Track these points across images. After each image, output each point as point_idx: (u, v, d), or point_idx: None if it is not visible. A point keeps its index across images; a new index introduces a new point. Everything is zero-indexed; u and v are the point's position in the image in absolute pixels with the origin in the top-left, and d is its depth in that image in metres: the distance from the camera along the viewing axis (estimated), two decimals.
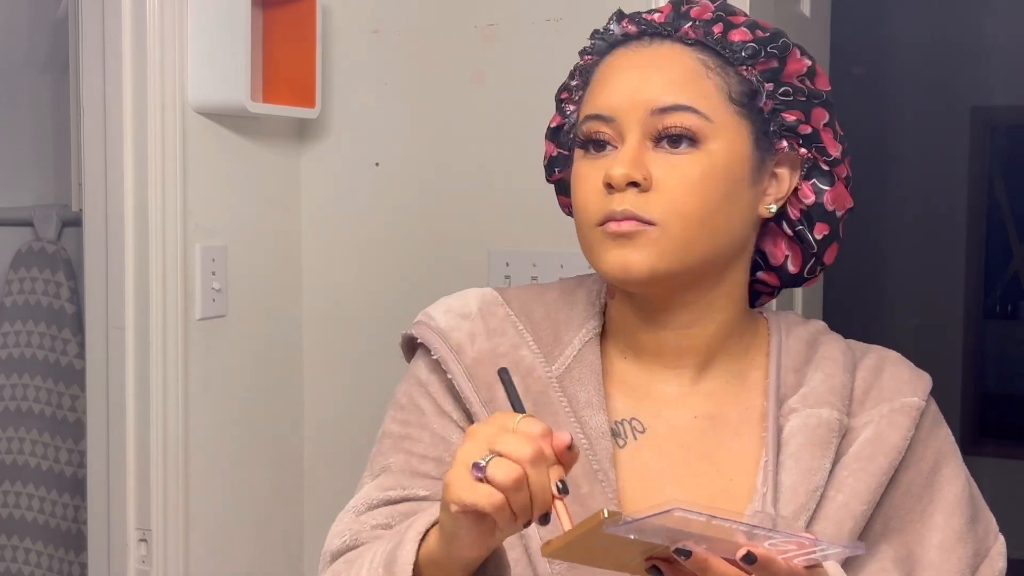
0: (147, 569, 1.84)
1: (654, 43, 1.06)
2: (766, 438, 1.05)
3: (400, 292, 2.02)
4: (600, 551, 0.83)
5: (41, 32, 2.65)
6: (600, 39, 1.10)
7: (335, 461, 2.08)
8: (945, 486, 1.08)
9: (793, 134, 1.07)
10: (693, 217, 1.00)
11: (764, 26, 1.08)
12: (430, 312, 1.14)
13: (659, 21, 1.07)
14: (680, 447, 1.06)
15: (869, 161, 4.89)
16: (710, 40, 1.05)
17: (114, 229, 1.82)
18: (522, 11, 1.91)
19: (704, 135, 1.01)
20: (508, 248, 1.93)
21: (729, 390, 1.09)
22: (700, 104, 1.02)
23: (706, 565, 0.81)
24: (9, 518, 2.56)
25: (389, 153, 2.03)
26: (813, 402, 1.06)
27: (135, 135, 1.80)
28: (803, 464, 1.03)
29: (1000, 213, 4.98)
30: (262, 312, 2.01)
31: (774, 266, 1.13)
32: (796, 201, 1.09)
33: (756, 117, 1.05)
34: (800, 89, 1.07)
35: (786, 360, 1.09)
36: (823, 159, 1.09)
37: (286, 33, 1.95)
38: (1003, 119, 4.91)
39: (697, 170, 1.01)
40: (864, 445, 1.05)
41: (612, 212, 1.01)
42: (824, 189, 1.09)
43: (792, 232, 1.10)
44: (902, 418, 1.06)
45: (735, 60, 1.05)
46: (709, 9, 1.07)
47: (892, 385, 1.09)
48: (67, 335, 2.51)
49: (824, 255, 1.11)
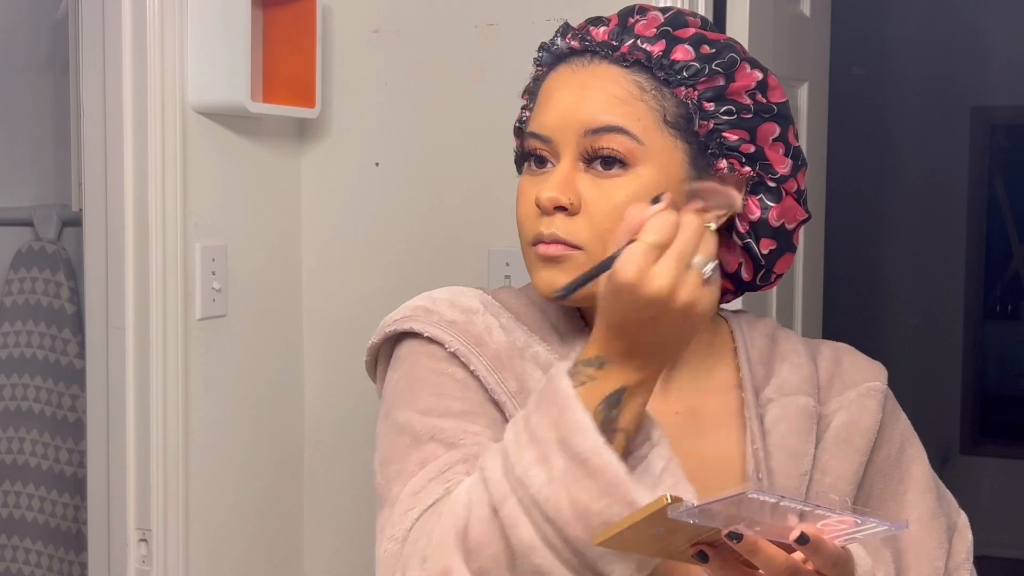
0: (147, 569, 1.84)
1: (593, 62, 1.06)
2: (750, 427, 1.07)
3: (400, 292, 2.00)
4: (652, 538, 0.84)
5: (41, 32, 2.65)
6: (547, 51, 1.11)
7: (335, 461, 2.08)
8: (912, 466, 1.13)
9: (736, 153, 1.06)
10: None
11: (713, 39, 1.06)
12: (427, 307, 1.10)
13: (600, 38, 1.06)
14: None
15: (869, 161, 4.90)
16: (649, 61, 1.04)
17: (114, 229, 1.83)
18: (522, 11, 1.91)
19: (635, 158, 1.02)
20: (508, 248, 1.93)
21: (701, 386, 1.10)
22: (632, 126, 1.02)
23: (756, 548, 0.83)
24: (9, 518, 2.56)
25: (389, 153, 2.03)
26: (788, 391, 1.09)
27: (135, 135, 1.80)
28: (789, 450, 1.06)
29: (1000, 213, 4.98)
30: (262, 312, 2.01)
31: (728, 273, 1.13)
32: (743, 215, 1.08)
33: (692, 139, 1.05)
34: (745, 106, 1.05)
35: (753, 354, 1.12)
36: (769, 176, 1.07)
37: (286, 33, 1.95)
38: (1003, 119, 4.90)
39: (624, 193, 1.01)
40: (840, 429, 1.09)
41: (540, 235, 1.04)
42: (771, 205, 1.08)
43: (741, 244, 1.10)
44: (870, 401, 1.11)
45: (673, 82, 1.04)
46: (656, 23, 1.06)
47: (853, 372, 1.13)
48: (67, 335, 2.51)
49: (774, 266, 1.11)
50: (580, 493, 0.87)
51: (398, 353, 1.10)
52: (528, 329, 1.10)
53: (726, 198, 0.98)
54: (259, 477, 2.01)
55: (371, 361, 1.15)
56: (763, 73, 1.07)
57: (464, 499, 0.92)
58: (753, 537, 0.82)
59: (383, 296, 2.05)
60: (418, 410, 1.03)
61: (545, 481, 0.88)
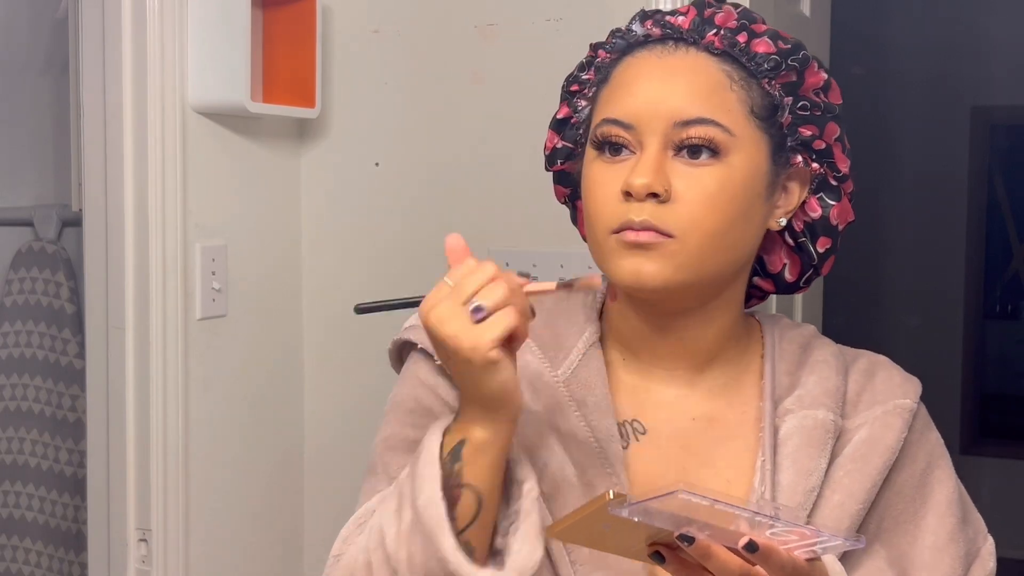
0: (147, 569, 1.84)
1: (679, 50, 1.04)
2: (762, 439, 1.06)
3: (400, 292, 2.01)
4: (605, 534, 0.84)
5: (41, 32, 2.65)
6: (620, 38, 1.08)
7: (335, 461, 2.08)
8: (937, 488, 1.08)
9: (808, 149, 1.06)
10: (711, 231, 0.99)
11: (785, 36, 1.07)
12: None
13: (683, 26, 1.05)
14: (680, 448, 1.07)
15: (869, 161, 4.89)
16: (736, 51, 1.04)
17: (114, 229, 1.83)
18: (522, 11, 1.91)
19: (725, 148, 1.00)
20: (508, 248, 1.93)
21: (725, 392, 1.09)
22: (723, 117, 1.00)
23: (708, 552, 0.82)
24: (9, 518, 2.56)
25: (389, 153, 2.03)
26: (808, 403, 1.07)
27: (135, 135, 1.80)
28: (800, 464, 1.04)
29: (1000, 213, 4.98)
30: (262, 312, 2.01)
31: (771, 273, 1.13)
32: (801, 214, 1.09)
33: (775, 131, 1.04)
34: (817, 103, 1.06)
35: (780, 363, 1.10)
36: (833, 174, 1.09)
37: (286, 33, 1.95)
38: (1003, 119, 4.90)
39: (717, 184, 0.99)
40: (859, 446, 1.06)
41: (630, 221, 0.99)
42: (831, 204, 1.09)
43: (794, 243, 1.10)
44: (895, 419, 1.07)
45: (759, 73, 1.04)
46: (733, 16, 1.06)
47: (885, 388, 1.10)
48: (67, 335, 2.52)
49: (822, 267, 1.12)
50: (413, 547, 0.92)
51: (405, 365, 1.15)
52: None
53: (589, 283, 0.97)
54: (259, 477, 2.01)
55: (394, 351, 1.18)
56: (827, 74, 1.08)
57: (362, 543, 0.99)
58: (705, 541, 0.81)
59: (383, 296, 2.05)
60: (383, 436, 1.10)
61: (394, 535, 0.94)
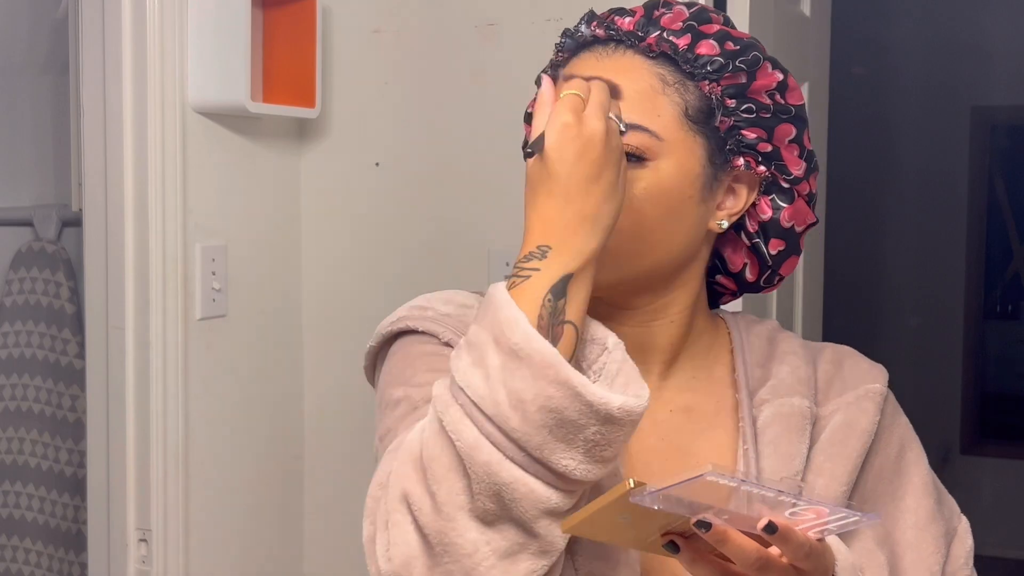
0: (147, 569, 1.84)
1: (617, 52, 1.06)
2: (742, 428, 1.07)
3: (400, 292, 2.00)
4: (620, 526, 0.83)
5: (41, 32, 2.65)
6: (570, 38, 1.11)
7: (335, 461, 2.08)
8: (911, 469, 1.11)
9: (752, 151, 1.06)
10: (626, 234, 1.00)
11: (737, 36, 1.06)
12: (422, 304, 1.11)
13: (627, 28, 1.06)
14: (660, 439, 1.08)
15: (869, 161, 4.89)
16: (674, 53, 1.04)
17: (114, 229, 1.83)
18: (522, 11, 1.91)
19: (652, 153, 1.01)
20: (508, 248, 1.93)
21: (698, 386, 1.10)
22: (652, 123, 1.01)
23: (725, 538, 0.81)
24: (9, 518, 2.56)
25: (389, 153, 2.03)
26: (783, 392, 1.09)
27: (135, 135, 1.80)
28: (782, 450, 1.05)
29: (1000, 213, 4.98)
30: (262, 312, 2.01)
31: (732, 272, 1.14)
32: (754, 214, 1.09)
33: (712, 134, 1.04)
34: (765, 106, 1.06)
35: (750, 356, 1.12)
36: (783, 177, 1.08)
37: (286, 33, 1.95)
38: (1003, 119, 4.91)
39: (638, 187, 1.00)
40: (835, 431, 1.08)
41: None
42: (782, 206, 1.08)
43: (749, 243, 1.10)
44: (868, 403, 1.10)
45: (697, 75, 1.04)
46: (682, 17, 1.06)
47: (853, 375, 1.12)
48: (67, 335, 2.51)
49: (780, 268, 1.12)
50: (514, 383, 0.88)
51: (391, 350, 1.10)
52: None
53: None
54: (259, 477, 2.01)
55: (369, 366, 1.15)
56: (783, 74, 1.08)
57: (419, 425, 0.95)
58: (722, 526, 0.81)
59: (383, 296, 2.05)
60: (415, 384, 1.04)
61: (481, 380, 0.90)
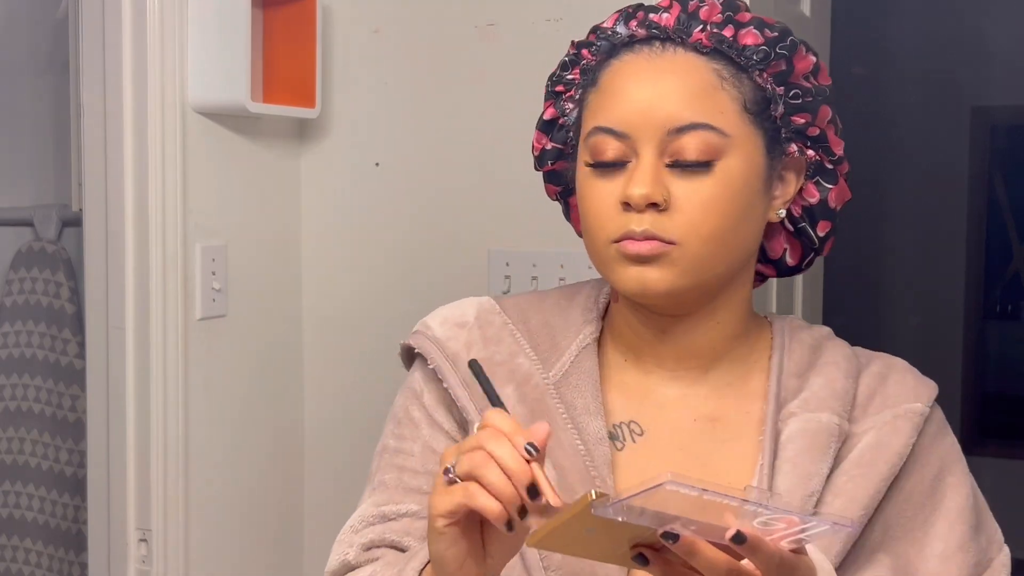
0: (147, 569, 1.84)
1: (667, 51, 1.02)
2: (763, 442, 1.03)
3: (400, 292, 2.02)
4: (587, 539, 0.81)
5: (41, 32, 2.65)
6: (605, 39, 1.06)
7: (335, 461, 2.08)
8: (949, 494, 1.05)
9: (802, 137, 1.05)
10: (712, 236, 0.98)
11: (770, 23, 1.04)
12: (427, 322, 1.13)
13: (669, 24, 1.03)
14: (678, 450, 1.05)
15: (869, 161, 4.89)
16: (724, 47, 1.01)
17: (114, 229, 1.82)
18: (522, 11, 1.90)
19: (721, 152, 0.99)
20: (508, 248, 1.93)
21: (730, 393, 1.07)
22: (717, 120, 0.99)
23: (693, 549, 0.79)
24: (9, 518, 2.56)
25: (389, 153, 2.03)
26: (813, 406, 1.04)
27: (135, 135, 1.80)
28: (800, 469, 1.01)
29: (1000, 213, 4.98)
30: (262, 312, 2.01)
31: (772, 259, 1.12)
32: (799, 199, 1.08)
33: (768, 124, 1.03)
34: (808, 89, 1.04)
35: (788, 364, 1.08)
36: (828, 159, 1.07)
37: (286, 33, 1.95)
38: (1003, 119, 4.90)
39: (715, 189, 0.98)
40: (865, 451, 1.03)
41: (631, 231, 0.98)
42: (828, 188, 1.08)
43: (793, 228, 1.09)
44: (905, 424, 1.05)
45: (748, 66, 1.02)
46: (717, 9, 1.04)
47: (896, 392, 1.07)
48: (67, 335, 2.51)
49: (823, 248, 1.11)
50: None
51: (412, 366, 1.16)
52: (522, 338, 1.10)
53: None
54: (259, 477, 2.01)
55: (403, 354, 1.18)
56: (816, 56, 1.06)
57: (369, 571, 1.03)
58: (690, 537, 0.78)
59: (383, 296, 2.05)
60: (379, 446, 1.14)
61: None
